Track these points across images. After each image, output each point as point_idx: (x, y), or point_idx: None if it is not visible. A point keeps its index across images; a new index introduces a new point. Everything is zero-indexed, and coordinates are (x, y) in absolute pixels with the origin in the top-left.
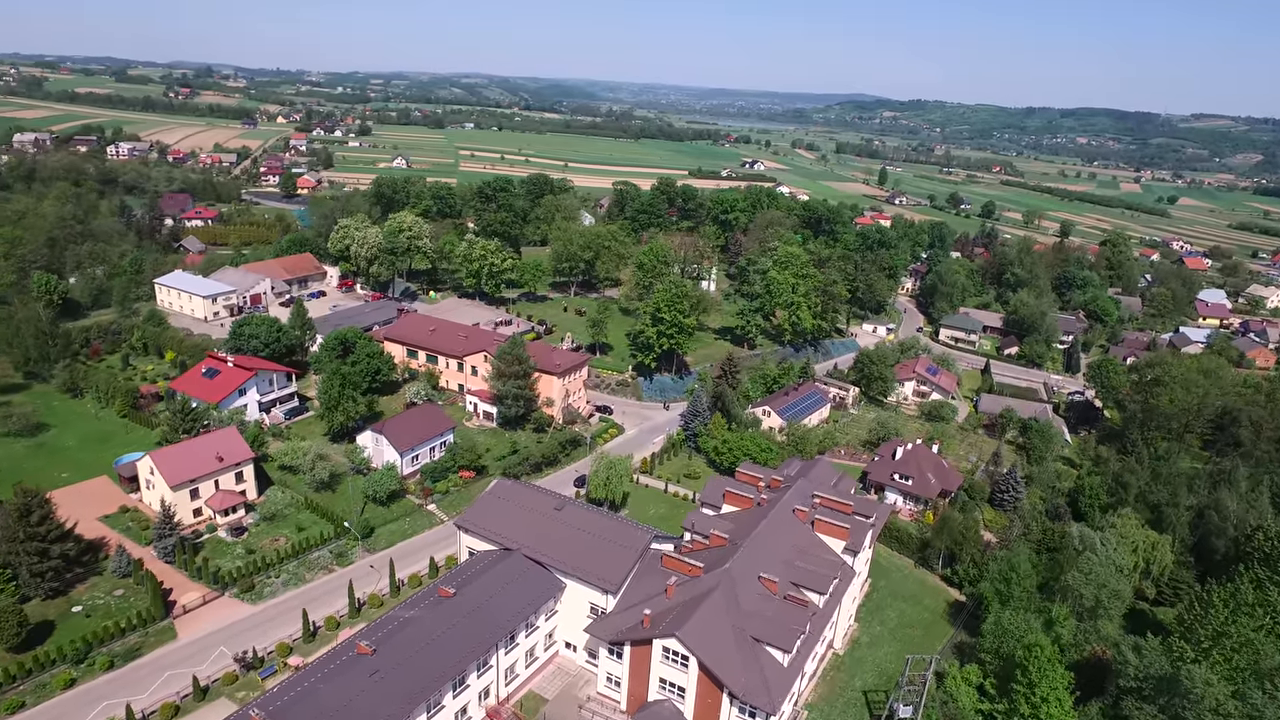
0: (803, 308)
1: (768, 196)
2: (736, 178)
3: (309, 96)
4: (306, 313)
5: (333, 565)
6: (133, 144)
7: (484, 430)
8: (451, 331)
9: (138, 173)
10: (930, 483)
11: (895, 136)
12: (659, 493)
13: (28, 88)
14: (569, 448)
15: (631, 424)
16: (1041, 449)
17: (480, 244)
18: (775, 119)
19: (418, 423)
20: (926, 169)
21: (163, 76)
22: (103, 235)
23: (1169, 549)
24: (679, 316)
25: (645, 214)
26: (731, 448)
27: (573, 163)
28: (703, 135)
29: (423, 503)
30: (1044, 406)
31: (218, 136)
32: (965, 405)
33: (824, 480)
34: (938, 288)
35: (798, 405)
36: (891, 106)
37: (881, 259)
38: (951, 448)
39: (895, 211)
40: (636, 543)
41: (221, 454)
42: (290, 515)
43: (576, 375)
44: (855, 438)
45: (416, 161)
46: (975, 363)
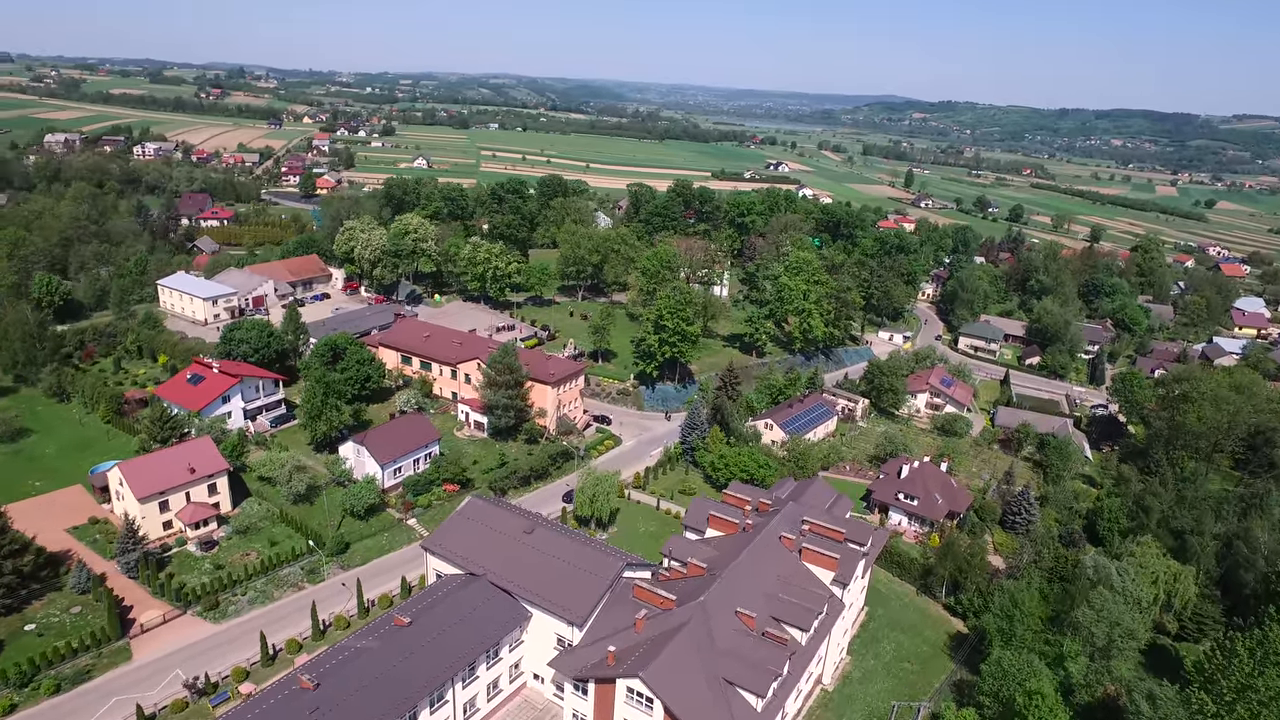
0: (814, 315)
1: (785, 199)
2: (760, 180)
3: (337, 97)
4: (300, 317)
5: (303, 583)
6: (158, 144)
7: (474, 441)
8: (446, 338)
9: (159, 173)
10: (937, 503)
11: (924, 138)
12: (650, 509)
13: (66, 89)
14: (560, 460)
15: (630, 435)
16: (1059, 467)
17: (485, 247)
18: (803, 120)
19: (401, 434)
20: (954, 171)
21: (196, 78)
22: (117, 235)
23: (1192, 581)
24: (682, 324)
25: (660, 216)
26: (728, 463)
27: (594, 164)
28: (728, 137)
29: (403, 517)
30: (1064, 422)
31: (243, 136)
32: (981, 418)
33: (818, 503)
34: (958, 294)
35: (802, 418)
36: (921, 108)
37: (900, 265)
38: (963, 464)
39: (920, 215)
40: (607, 571)
41: (194, 465)
42: (264, 529)
43: (572, 384)
44: (862, 452)
45: (438, 162)
46: (995, 373)
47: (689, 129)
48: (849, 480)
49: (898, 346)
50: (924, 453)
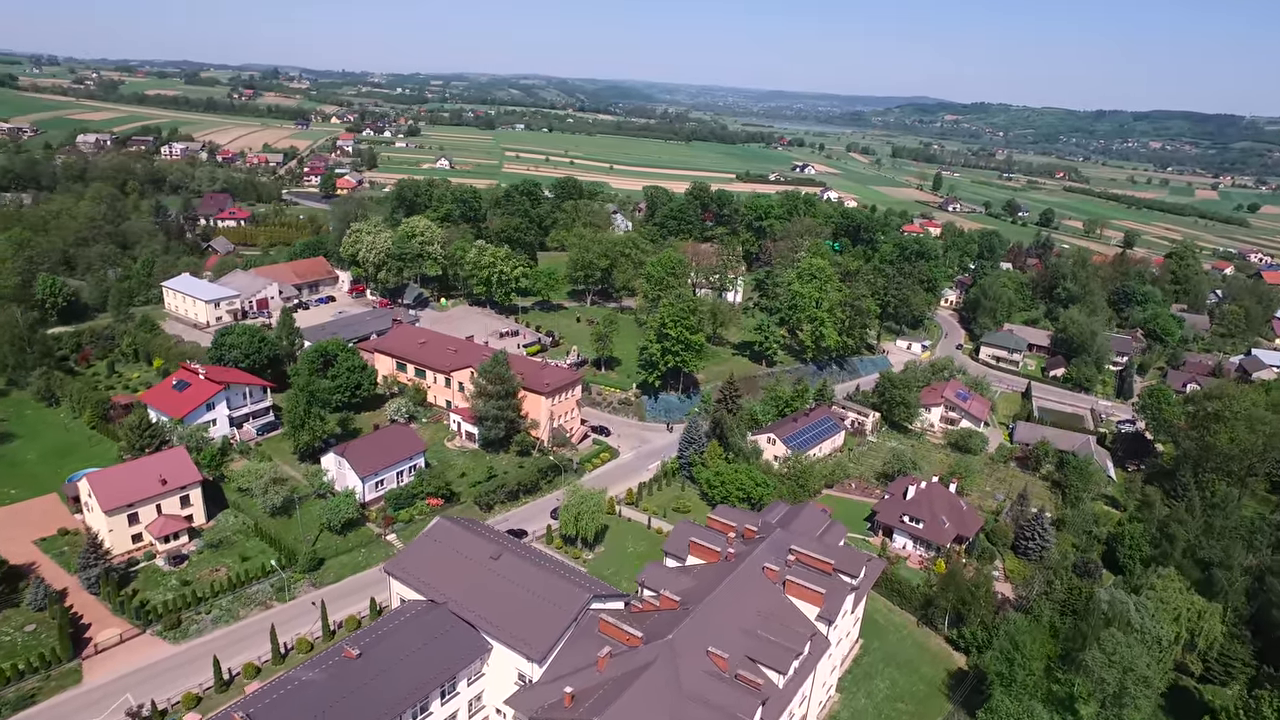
0: (826, 323)
1: (804, 203)
2: (785, 182)
3: (368, 97)
4: (294, 322)
5: (271, 601)
6: (185, 144)
7: (465, 452)
8: (441, 345)
9: (183, 172)
10: (944, 527)
11: (955, 140)
12: (641, 528)
13: (104, 91)
14: (551, 474)
15: (628, 447)
16: (1079, 488)
17: (490, 250)
18: (833, 122)
19: (385, 445)
20: (985, 174)
21: (230, 79)
22: (133, 236)
23: (1219, 620)
24: (685, 333)
25: (675, 219)
26: (724, 481)
27: (618, 165)
28: (755, 138)
29: (382, 532)
30: (1086, 439)
31: (269, 137)
32: (999, 433)
33: (809, 529)
34: (981, 302)
35: (807, 433)
36: (953, 110)
37: (918, 271)
38: (976, 483)
39: (946, 219)
40: (571, 604)
41: (165, 476)
42: (238, 543)
43: (568, 395)
44: (869, 469)
45: (460, 162)
46: (1017, 385)
47: (716, 130)
48: (854, 499)
49: (915, 356)
50: (934, 471)
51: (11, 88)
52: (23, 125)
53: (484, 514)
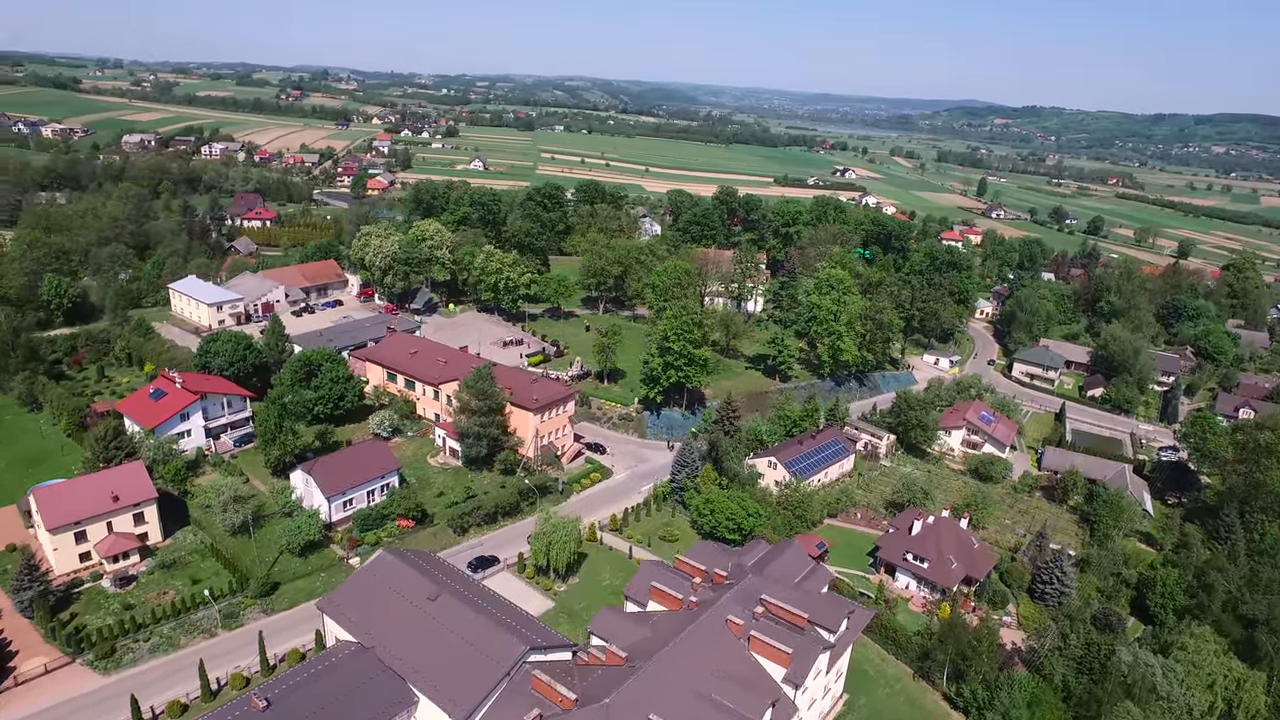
0: (844, 337)
1: (835, 209)
2: (823, 186)
3: (413, 98)
4: (283, 328)
5: (217, 628)
6: (225, 144)
7: (446, 469)
8: (432, 355)
9: (217, 172)
10: (950, 567)
11: (1005, 145)
12: (622, 557)
13: (158, 92)
14: (534, 495)
15: (623, 466)
16: (1108, 524)
17: (497, 256)
18: (879, 125)
19: (355, 462)
20: (1033, 180)
21: (281, 80)
22: (156, 236)
23: (1262, 690)
24: (689, 347)
25: (699, 225)
26: (714, 509)
27: (654, 167)
28: (797, 141)
29: (346, 556)
30: (1122, 468)
31: (309, 137)
32: (1027, 458)
33: (787, 574)
34: (1016, 315)
35: (812, 457)
36: (1004, 113)
37: (948, 282)
38: (994, 516)
39: (989, 225)
40: (505, 656)
41: (118, 492)
42: (192, 563)
43: (559, 410)
44: (879, 497)
45: (494, 163)
46: (1051, 405)
47: (757, 133)
48: (859, 530)
49: (942, 372)
50: (948, 501)
51: (73, 90)
52: (75, 126)
53: (458, 537)
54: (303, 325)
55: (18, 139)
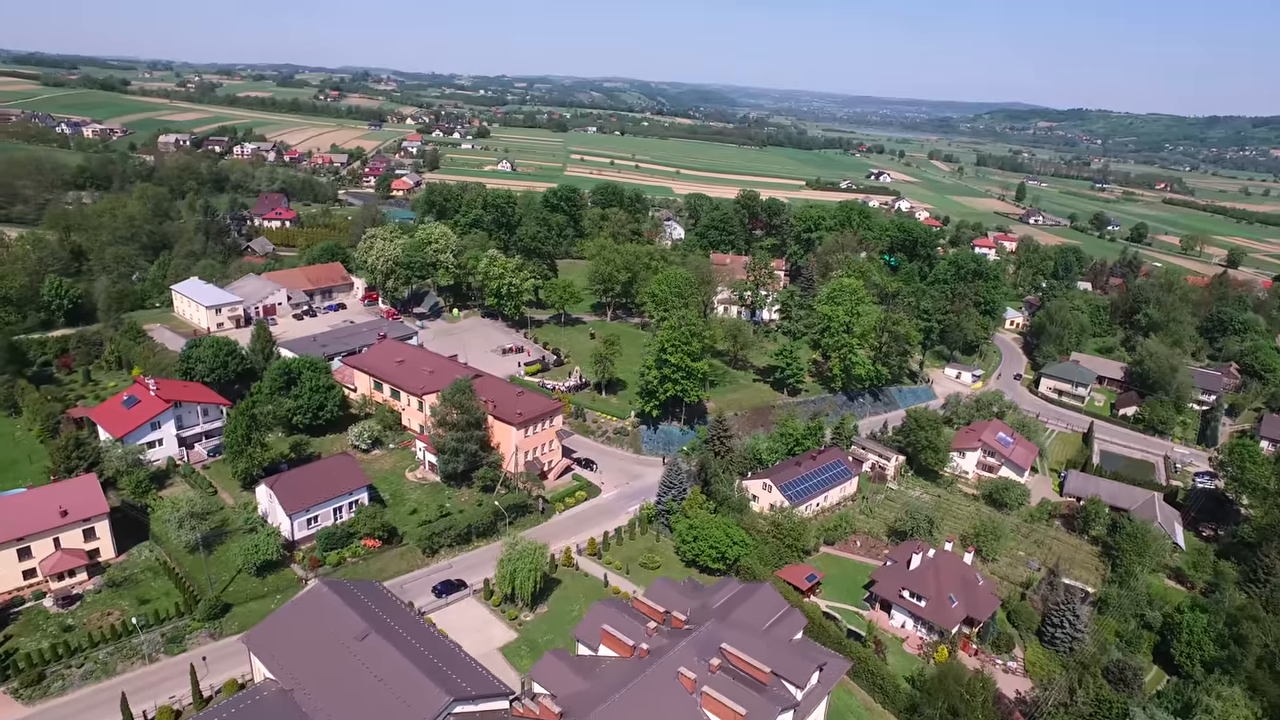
0: (856, 349)
1: (859, 214)
2: (856, 190)
3: (450, 99)
4: (269, 334)
5: (159, 653)
6: (257, 144)
7: (424, 484)
8: (418, 364)
9: (244, 172)
10: (950, 606)
11: (1048, 148)
12: (598, 585)
13: (201, 93)
14: (513, 514)
15: (614, 484)
16: (1132, 559)
17: (500, 261)
18: (918, 128)
19: (321, 478)
20: (1076, 184)
21: (322, 81)
22: (174, 236)
23: None
24: (686, 360)
25: (717, 229)
26: (697, 535)
27: (685, 169)
28: (834, 144)
29: (305, 576)
30: (1151, 497)
31: (341, 137)
32: (1048, 482)
33: (756, 619)
34: (1046, 328)
35: (811, 479)
36: (1048, 116)
37: (971, 292)
38: (1006, 547)
39: (1025, 232)
40: (428, 707)
41: (68, 506)
42: (144, 582)
43: (545, 425)
44: (883, 522)
45: (523, 164)
46: (1080, 424)
47: (793, 136)
48: (856, 560)
49: (964, 387)
50: (956, 530)
51: (121, 91)
52: (115, 126)
53: (427, 559)
54: (301, 329)
55: (60, 139)
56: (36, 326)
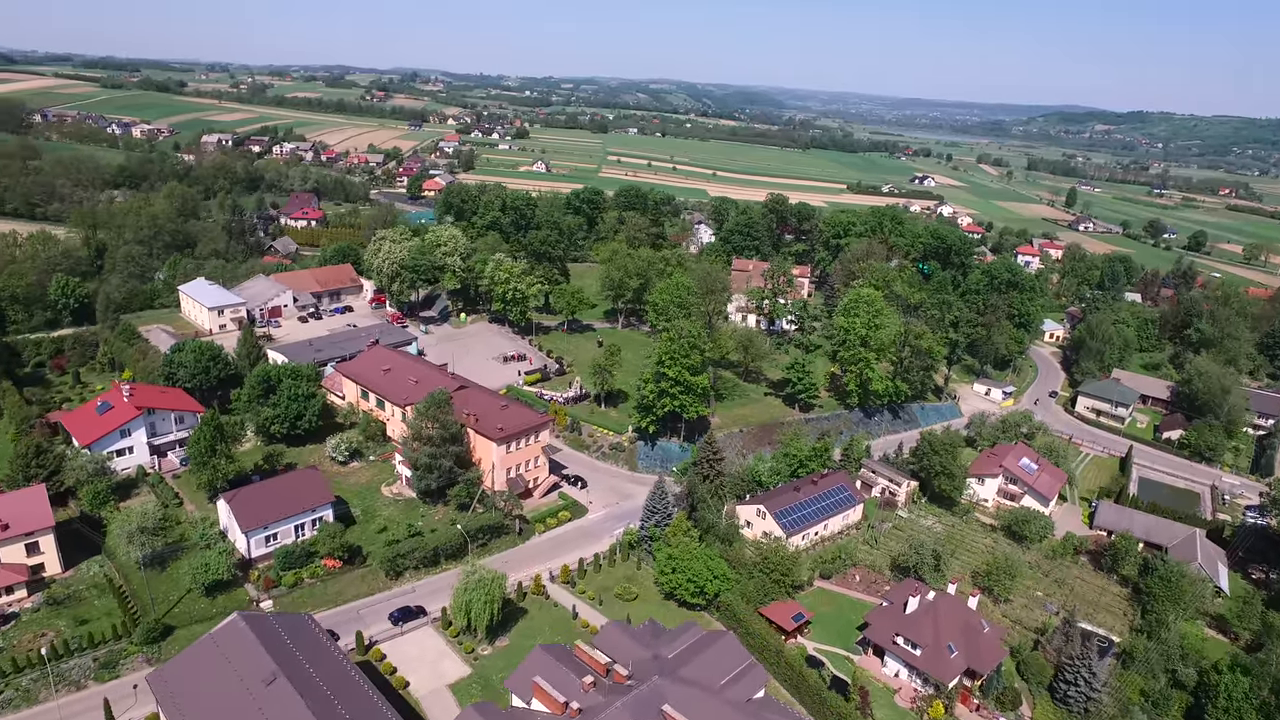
0: (873, 364)
1: (892, 220)
2: (898, 194)
3: (495, 100)
4: (255, 339)
5: (88, 679)
6: (295, 144)
7: (399, 500)
8: (404, 373)
9: (278, 172)
10: (948, 657)
11: (1105, 152)
12: (565, 617)
13: (252, 93)
14: (485, 536)
15: (603, 503)
16: (1164, 605)
17: (505, 265)
18: (968, 131)
19: (282, 493)
20: (1132, 190)
21: (371, 82)
22: (196, 235)
23: None
24: (685, 373)
25: (741, 234)
26: (675, 567)
27: (722, 172)
28: (879, 147)
29: (259, 598)
30: (1192, 533)
31: (381, 137)
32: (1078, 512)
33: (710, 675)
34: (1086, 342)
35: (810, 506)
36: (1106, 119)
37: (1003, 304)
38: (1022, 586)
39: (1074, 239)
40: None
41: (10, 519)
42: (88, 600)
43: (530, 440)
44: (887, 554)
45: (558, 165)
46: (1119, 447)
47: (837, 139)
48: (854, 596)
49: (994, 404)
50: (955, 575)
51: (175, 93)
52: (162, 127)
53: (390, 582)
54: (305, 332)
55: (110, 139)
56: (43, 325)
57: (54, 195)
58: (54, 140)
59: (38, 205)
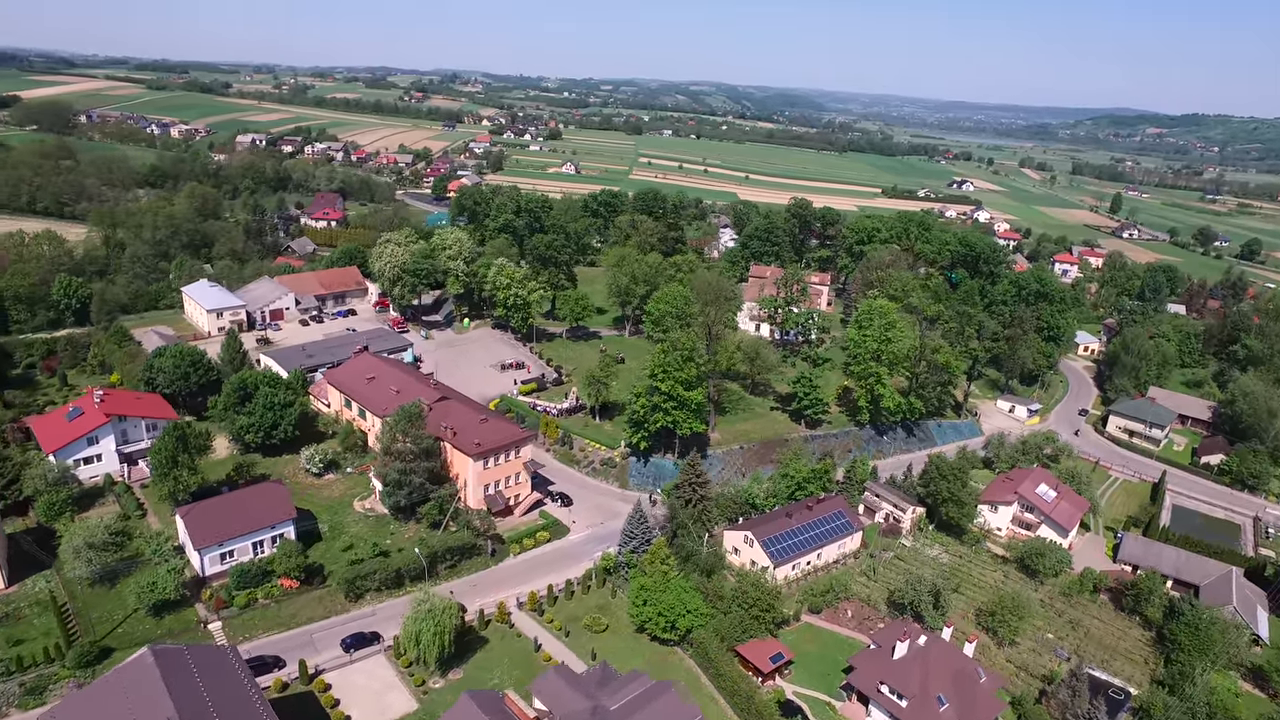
0: (884, 379)
1: (919, 226)
2: (934, 199)
3: (533, 101)
4: (240, 344)
5: (10, 707)
6: (326, 144)
7: (370, 516)
8: (387, 381)
9: (305, 172)
10: (936, 711)
11: (1156, 156)
12: (528, 648)
13: (292, 94)
14: (454, 557)
15: (587, 523)
16: (1190, 655)
17: (506, 270)
18: (1013, 135)
19: (242, 508)
20: (1184, 195)
21: (411, 83)
22: (213, 235)
23: None
24: (678, 388)
25: (759, 239)
26: (648, 599)
27: (755, 174)
28: (918, 150)
29: (207, 619)
30: (1229, 572)
31: (414, 137)
32: (1102, 543)
33: None
34: (1120, 358)
35: (802, 533)
36: (1158, 122)
37: (1036, 316)
38: (1031, 627)
39: (1116, 247)
40: None
41: None
42: (26, 618)
43: (509, 456)
44: (885, 587)
45: (587, 167)
46: (1151, 472)
47: (875, 142)
48: (844, 634)
49: (1018, 422)
50: (951, 618)
51: (219, 94)
52: (199, 127)
53: (349, 604)
54: (303, 336)
55: (148, 139)
56: (45, 325)
57: (82, 194)
58: (95, 140)
59: (66, 204)
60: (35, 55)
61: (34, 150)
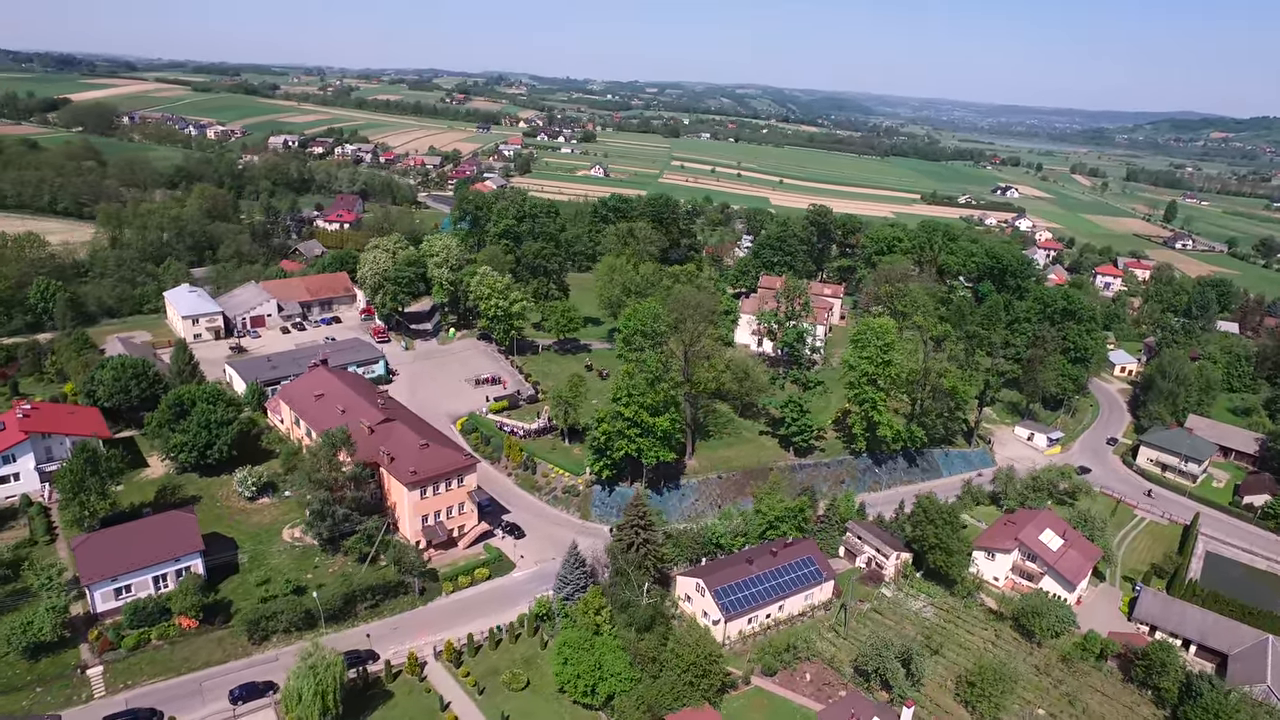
0: (880, 405)
1: (944, 236)
2: (975, 205)
3: (576, 103)
4: (191, 356)
5: None
6: (357, 145)
7: (297, 547)
8: (334, 400)
9: (328, 173)
10: None
11: (1220, 162)
12: (433, 707)
13: (336, 96)
14: (379, 595)
15: (536, 558)
16: None
17: (489, 278)
18: (1067, 140)
19: (145, 539)
20: (1247, 203)
21: (456, 85)
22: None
23: None
24: (643, 414)
25: (772, 248)
26: (568, 657)
27: (789, 179)
28: (963, 155)
29: (86, 663)
30: (1264, 640)
31: (447, 139)
32: (1117, 597)
33: None
34: (1156, 382)
35: (761, 583)
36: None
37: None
38: (1019, 700)
39: (1166, 258)
40: None
41: None
42: None
43: (452, 485)
44: (855, 646)
45: (617, 171)
46: (1183, 512)
47: (920, 146)
48: (797, 702)
49: (1036, 451)
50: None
51: (262, 95)
52: (235, 128)
53: (252, 647)
54: (280, 344)
55: (184, 139)
56: (23, 329)
57: (101, 195)
58: (135, 140)
59: (85, 205)
60: (101, 59)
61: (60, 151)
